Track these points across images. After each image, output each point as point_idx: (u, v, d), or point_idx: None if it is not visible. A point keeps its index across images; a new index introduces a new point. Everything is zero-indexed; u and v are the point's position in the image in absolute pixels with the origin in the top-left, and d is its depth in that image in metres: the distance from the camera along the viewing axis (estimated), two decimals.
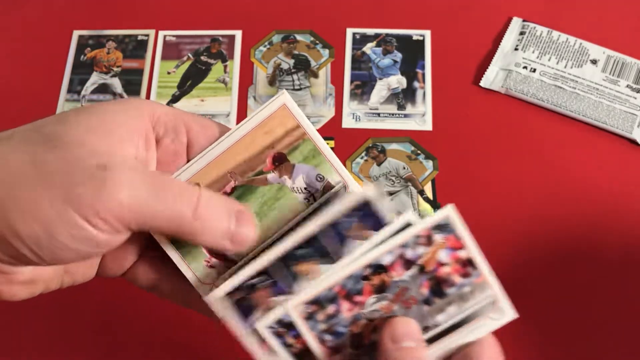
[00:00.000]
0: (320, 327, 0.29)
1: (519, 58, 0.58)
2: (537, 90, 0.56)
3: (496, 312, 0.30)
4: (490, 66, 0.58)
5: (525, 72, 0.57)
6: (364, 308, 0.29)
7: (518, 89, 0.57)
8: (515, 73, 0.57)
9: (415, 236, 0.29)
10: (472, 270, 0.30)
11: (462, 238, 0.30)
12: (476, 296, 0.30)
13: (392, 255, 0.29)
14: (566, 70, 0.57)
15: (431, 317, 0.30)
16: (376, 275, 0.29)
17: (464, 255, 0.30)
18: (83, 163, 0.26)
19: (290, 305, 0.29)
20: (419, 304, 0.29)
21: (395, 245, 0.29)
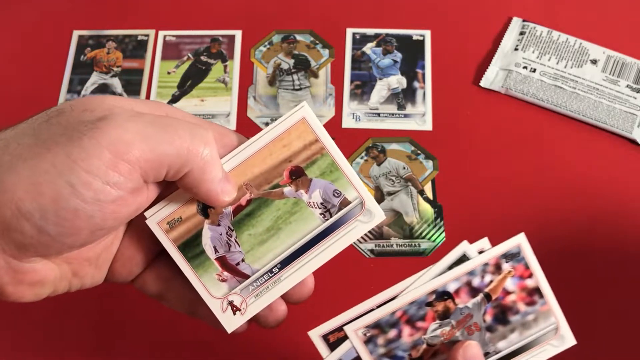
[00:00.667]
0: (379, 351, 0.29)
1: (519, 58, 0.58)
2: (537, 90, 0.56)
3: (557, 339, 0.30)
4: (490, 66, 0.58)
5: (525, 72, 0.57)
6: (426, 334, 0.29)
7: (518, 89, 0.57)
8: (515, 73, 0.57)
9: (483, 264, 0.29)
10: (538, 299, 0.30)
11: (530, 267, 0.30)
12: (539, 324, 0.30)
13: (458, 282, 0.29)
14: (566, 70, 0.57)
15: (492, 343, 0.30)
16: (441, 302, 0.29)
17: (531, 284, 0.30)
18: (82, 121, 0.25)
19: (350, 329, 0.29)
20: (481, 331, 0.30)
21: (462, 272, 0.29)
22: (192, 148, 0.27)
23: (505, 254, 0.30)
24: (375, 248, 0.51)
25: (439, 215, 0.52)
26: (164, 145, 0.26)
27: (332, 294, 0.49)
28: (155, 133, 0.26)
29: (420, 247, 0.51)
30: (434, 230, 0.51)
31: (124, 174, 0.25)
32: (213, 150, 0.28)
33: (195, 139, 0.27)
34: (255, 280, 0.31)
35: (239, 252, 0.31)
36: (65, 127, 0.26)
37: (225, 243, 0.31)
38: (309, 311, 0.49)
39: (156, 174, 0.27)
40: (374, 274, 0.50)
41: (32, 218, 0.24)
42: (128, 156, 0.25)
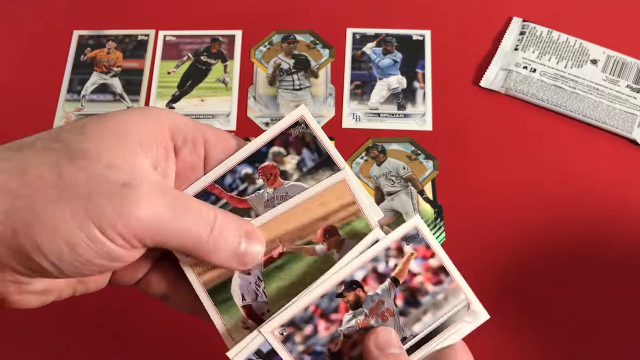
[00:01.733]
0: (299, 349, 0.29)
1: (519, 58, 0.58)
2: (537, 90, 0.56)
3: (471, 315, 0.30)
4: (490, 66, 0.58)
5: (525, 72, 0.57)
6: (341, 325, 0.29)
7: (518, 89, 0.57)
8: (515, 73, 0.57)
9: (385, 249, 0.29)
10: (445, 277, 0.30)
11: (431, 246, 0.30)
12: (450, 302, 0.30)
13: (364, 270, 0.29)
14: (566, 70, 0.57)
15: (408, 327, 0.30)
16: (350, 292, 0.29)
17: (435, 263, 0.30)
18: (106, 179, 0.26)
19: (267, 329, 0.29)
20: (395, 316, 0.30)
21: (366, 260, 0.29)
22: (197, 238, 0.28)
23: (405, 237, 0.30)
24: None
25: (439, 215, 0.52)
26: (173, 235, 0.27)
27: None
28: (169, 218, 0.27)
29: None
30: (434, 230, 0.51)
31: (133, 244, 0.26)
32: (218, 233, 0.28)
33: (201, 224, 0.28)
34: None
35: (265, 303, 0.31)
36: (89, 177, 0.26)
37: (253, 292, 0.31)
38: None
39: (161, 247, 0.28)
40: None
41: (50, 257, 0.25)
42: (140, 235, 0.26)
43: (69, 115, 0.58)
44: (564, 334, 0.48)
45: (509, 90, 0.57)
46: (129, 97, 0.59)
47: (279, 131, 0.31)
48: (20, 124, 0.57)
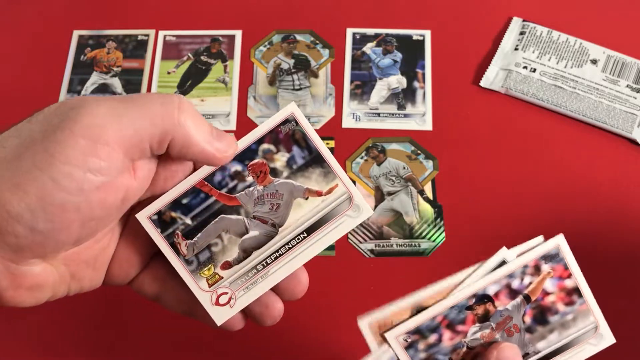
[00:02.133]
0: (420, 356, 0.30)
1: (519, 58, 0.58)
2: (537, 90, 0.56)
3: (597, 338, 0.31)
4: (490, 66, 0.58)
5: (525, 72, 0.57)
6: (466, 337, 0.30)
7: (518, 89, 0.57)
8: (515, 73, 0.57)
9: (523, 266, 0.30)
10: (577, 299, 0.31)
11: (569, 267, 0.30)
12: (578, 324, 0.31)
13: (498, 285, 0.30)
14: (566, 70, 0.57)
15: (532, 344, 0.30)
16: (481, 305, 0.30)
17: (570, 284, 0.30)
18: (57, 113, 0.26)
19: (392, 336, 0.29)
20: (521, 332, 0.30)
21: (502, 275, 0.29)
22: (165, 115, 0.27)
23: (545, 255, 0.30)
24: (375, 248, 0.51)
25: (439, 215, 0.52)
26: (137, 119, 0.26)
27: (333, 295, 0.49)
28: (125, 110, 0.26)
29: (420, 247, 0.51)
30: (434, 230, 0.51)
31: (104, 158, 0.25)
32: (189, 112, 0.28)
33: (166, 106, 0.27)
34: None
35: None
36: (42, 123, 0.26)
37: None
38: (308, 311, 0.49)
39: (139, 151, 0.27)
40: (374, 274, 0.50)
41: (22, 219, 0.25)
42: (104, 138, 0.25)
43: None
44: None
45: (509, 90, 0.57)
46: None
47: (269, 128, 0.31)
48: None
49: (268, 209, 0.31)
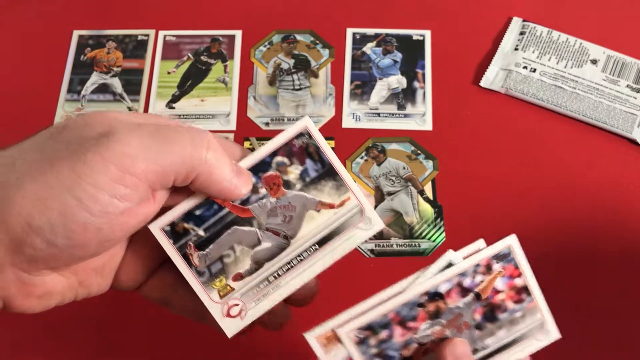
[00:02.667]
0: (372, 352, 0.30)
1: (519, 58, 0.58)
2: (537, 90, 0.56)
3: (543, 333, 0.31)
4: (490, 66, 0.58)
5: (525, 72, 0.57)
6: (417, 333, 0.30)
7: (518, 89, 0.57)
8: (515, 73, 0.57)
9: (475, 265, 0.30)
10: (526, 297, 0.31)
11: (520, 267, 0.31)
12: (526, 320, 0.31)
13: (449, 283, 0.30)
14: (566, 70, 0.57)
15: (481, 340, 0.31)
16: (432, 303, 0.30)
17: (519, 282, 0.31)
18: (84, 135, 0.26)
19: (343, 332, 0.29)
20: (471, 329, 0.31)
21: (454, 274, 0.30)
22: (194, 154, 0.27)
23: (496, 255, 0.31)
24: (375, 248, 0.51)
25: (439, 215, 0.52)
26: (167, 154, 0.27)
27: (332, 294, 0.49)
28: (157, 144, 0.26)
29: (420, 247, 0.51)
30: (434, 230, 0.51)
31: (130, 187, 0.26)
32: (216, 151, 0.28)
33: (196, 144, 0.27)
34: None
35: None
36: (69, 142, 0.26)
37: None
38: (308, 311, 0.49)
39: (163, 183, 0.27)
40: (374, 274, 0.50)
41: (42, 232, 0.25)
42: (134, 169, 0.26)
43: (69, 115, 0.58)
44: (564, 332, 0.48)
45: (509, 90, 0.57)
46: (129, 97, 0.59)
47: (283, 141, 0.31)
48: (20, 124, 0.57)
49: (281, 220, 0.31)
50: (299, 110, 0.57)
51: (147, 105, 0.58)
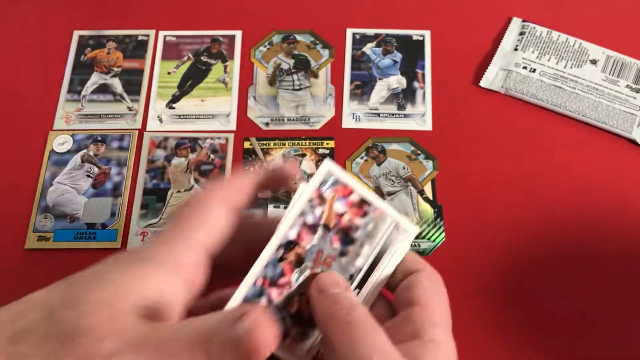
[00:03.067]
0: None
1: (519, 58, 0.58)
2: (536, 91, 0.57)
3: (402, 233, 0.31)
4: (490, 66, 0.58)
5: (525, 72, 0.58)
6: (292, 286, 0.30)
7: (518, 89, 0.57)
8: (515, 73, 0.57)
9: (308, 201, 0.30)
10: (368, 207, 0.31)
11: (347, 184, 0.31)
12: (380, 228, 0.31)
13: (296, 227, 0.30)
14: (566, 70, 0.57)
15: (351, 265, 0.31)
16: (290, 252, 0.30)
17: (355, 198, 0.31)
18: (94, 354, 0.24)
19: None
20: (337, 259, 0.31)
21: (294, 217, 0.30)
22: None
23: (321, 183, 0.31)
24: None
25: (438, 215, 0.52)
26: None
27: None
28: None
29: (420, 247, 0.51)
30: (434, 230, 0.51)
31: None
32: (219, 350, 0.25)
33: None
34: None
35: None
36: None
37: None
38: None
39: None
40: None
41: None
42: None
43: (69, 115, 0.58)
44: (564, 332, 0.48)
45: (508, 90, 0.57)
46: (129, 97, 0.59)
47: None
48: (21, 124, 0.57)
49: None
50: (298, 110, 0.57)
51: (147, 105, 0.58)
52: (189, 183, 0.54)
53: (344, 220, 0.31)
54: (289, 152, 0.55)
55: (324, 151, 0.55)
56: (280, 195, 0.53)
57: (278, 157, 0.54)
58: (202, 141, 0.56)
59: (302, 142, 0.56)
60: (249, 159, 0.55)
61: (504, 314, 0.48)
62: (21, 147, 0.56)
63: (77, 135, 0.56)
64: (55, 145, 0.56)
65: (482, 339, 0.47)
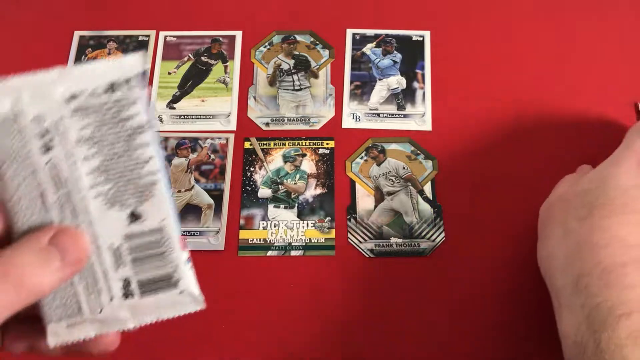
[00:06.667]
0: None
1: None
2: None
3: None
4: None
5: None
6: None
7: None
8: None
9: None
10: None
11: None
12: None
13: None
14: None
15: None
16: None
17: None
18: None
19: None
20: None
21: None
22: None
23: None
24: (375, 248, 0.51)
25: (438, 215, 0.52)
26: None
27: (332, 294, 0.49)
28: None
29: (420, 246, 0.51)
30: (433, 230, 0.52)
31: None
32: (13, 270, 0.26)
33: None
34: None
35: None
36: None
37: None
38: (308, 311, 0.49)
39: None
40: (373, 273, 0.50)
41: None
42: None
43: None
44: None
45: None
46: None
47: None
48: None
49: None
50: (299, 110, 0.57)
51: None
52: (189, 183, 0.54)
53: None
54: (289, 152, 0.55)
55: (324, 151, 0.55)
56: (280, 195, 0.53)
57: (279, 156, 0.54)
58: (203, 141, 0.56)
59: (302, 142, 0.56)
60: (249, 159, 0.55)
61: (504, 314, 0.48)
62: None
63: None
64: None
65: (482, 339, 0.48)
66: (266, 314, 0.49)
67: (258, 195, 0.53)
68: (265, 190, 0.54)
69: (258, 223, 0.52)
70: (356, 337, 0.48)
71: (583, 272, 0.37)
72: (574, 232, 0.39)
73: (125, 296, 0.30)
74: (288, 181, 0.54)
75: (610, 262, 0.37)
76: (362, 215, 0.52)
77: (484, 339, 0.47)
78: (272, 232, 0.52)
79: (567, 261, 0.39)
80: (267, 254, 0.51)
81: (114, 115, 0.29)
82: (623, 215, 0.38)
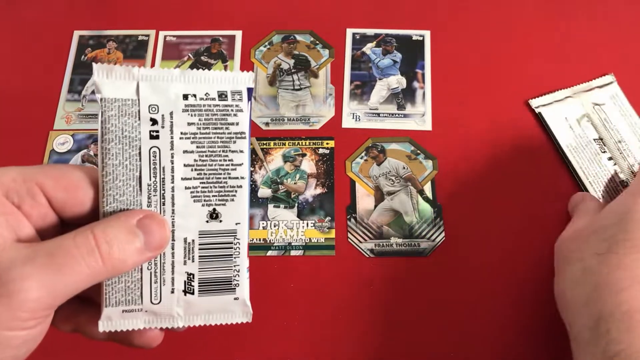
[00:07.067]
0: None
1: None
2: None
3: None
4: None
5: None
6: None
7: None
8: None
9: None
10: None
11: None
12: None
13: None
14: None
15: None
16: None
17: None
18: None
19: None
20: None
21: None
22: (93, 272, 0.27)
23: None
24: (375, 248, 0.51)
25: (438, 215, 0.52)
26: (67, 287, 0.26)
27: (332, 294, 0.49)
28: (56, 280, 0.26)
29: (420, 246, 0.51)
30: (433, 229, 0.52)
31: (44, 316, 0.26)
32: (107, 251, 0.27)
33: (88, 263, 0.27)
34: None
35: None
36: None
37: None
38: (308, 311, 0.49)
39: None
40: (373, 273, 0.50)
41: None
42: (40, 307, 0.26)
43: (70, 115, 0.58)
44: (564, 332, 0.48)
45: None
46: None
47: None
48: (21, 123, 0.57)
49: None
50: (298, 110, 0.57)
51: None
52: None
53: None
54: (289, 152, 0.55)
55: (324, 151, 0.55)
56: (280, 195, 0.53)
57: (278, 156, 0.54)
58: None
59: (302, 142, 0.56)
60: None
61: (504, 314, 0.48)
62: (22, 146, 0.56)
63: (77, 135, 0.57)
64: (55, 145, 0.56)
65: (482, 339, 0.48)
66: (266, 313, 0.49)
67: (258, 195, 0.53)
68: (265, 190, 0.54)
69: (258, 223, 0.52)
70: (356, 337, 0.48)
71: (603, 315, 0.36)
72: (593, 270, 0.38)
73: (185, 292, 0.31)
74: (288, 181, 0.54)
75: (632, 305, 0.36)
76: (362, 215, 0.52)
77: (484, 339, 0.47)
78: (272, 232, 0.52)
79: (586, 301, 0.38)
80: (267, 253, 0.51)
81: (220, 118, 0.31)
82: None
